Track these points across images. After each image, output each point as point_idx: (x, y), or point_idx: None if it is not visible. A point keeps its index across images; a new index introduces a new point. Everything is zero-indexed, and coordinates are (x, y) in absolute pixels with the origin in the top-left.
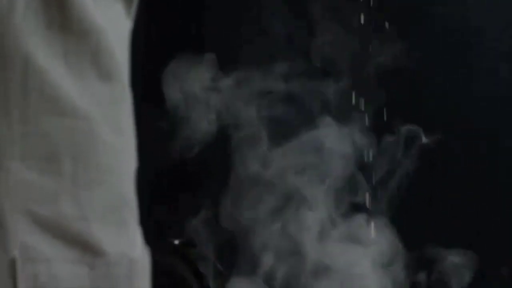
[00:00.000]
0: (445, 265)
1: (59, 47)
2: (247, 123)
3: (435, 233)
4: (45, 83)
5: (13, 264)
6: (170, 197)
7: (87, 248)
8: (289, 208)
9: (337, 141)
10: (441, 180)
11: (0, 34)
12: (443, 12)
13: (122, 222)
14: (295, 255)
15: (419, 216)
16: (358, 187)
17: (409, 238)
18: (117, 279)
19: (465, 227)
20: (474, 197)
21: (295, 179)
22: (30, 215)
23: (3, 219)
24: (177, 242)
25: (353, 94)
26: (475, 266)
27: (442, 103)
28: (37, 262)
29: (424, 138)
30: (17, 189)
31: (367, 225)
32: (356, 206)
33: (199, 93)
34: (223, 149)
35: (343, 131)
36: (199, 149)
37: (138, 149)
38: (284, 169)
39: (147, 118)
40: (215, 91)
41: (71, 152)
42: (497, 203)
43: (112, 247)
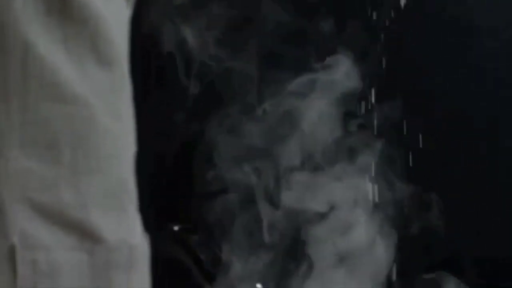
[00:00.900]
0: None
1: (59, 34)
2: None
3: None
4: (45, 70)
5: (12, 251)
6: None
7: (86, 235)
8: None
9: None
10: None
11: None
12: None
13: (121, 209)
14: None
15: None
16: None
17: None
18: (117, 266)
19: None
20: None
21: None
22: (29, 203)
23: (3, 207)
24: (176, 228)
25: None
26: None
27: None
28: (36, 249)
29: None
30: (17, 177)
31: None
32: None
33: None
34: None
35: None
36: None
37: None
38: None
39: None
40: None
41: (71, 139)
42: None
43: (111, 234)
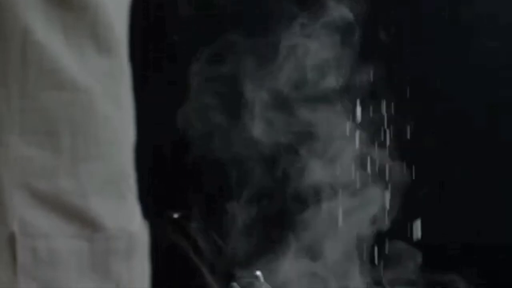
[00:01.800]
0: None
1: (58, 20)
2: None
3: None
4: (44, 57)
5: (12, 239)
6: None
7: (86, 222)
8: None
9: None
10: None
11: None
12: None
13: (121, 196)
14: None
15: None
16: None
17: None
18: (117, 253)
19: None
20: None
21: None
22: (29, 190)
23: (2, 194)
24: (176, 215)
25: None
26: None
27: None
28: (36, 236)
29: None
30: (16, 164)
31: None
32: None
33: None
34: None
35: None
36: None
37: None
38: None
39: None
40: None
41: (70, 126)
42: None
43: (111, 222)
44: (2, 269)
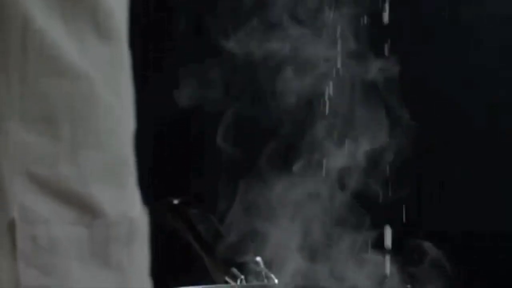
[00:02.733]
0: None
1: (58, 7)
2: None
3: None
4: (44, 44)
5: (12, 225)
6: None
7: (86, 209)
8: None
9: None
10: None
11: None
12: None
13: (121, 182)
14: None
15: None
16: None
17: None
18: (117, 239)
19: None
20: None
21: None
22: (29, 176)
23: (2, 180)
24: (176, 201)
25: None
26: None
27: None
28: (36, 223)
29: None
30: (16, 150)
31: None
32: None
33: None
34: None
35: None
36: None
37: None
38: None
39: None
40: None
41: (70, 113)
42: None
43: (111, 208)
44: (2, 256)
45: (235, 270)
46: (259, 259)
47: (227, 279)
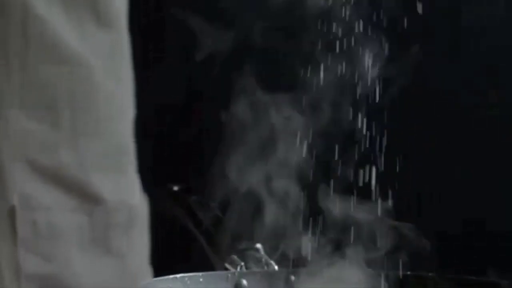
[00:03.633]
0: None
1: None
2: None
3: None
4: (45, 31)
5: (12, 212)
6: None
7: (86, 196)
8: None
9: None
10: None
11: None
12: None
13: (120, 170)
14: None
15: None
16: None
17: None
18: (116, 226)
19: None
20: None
21: None
22: (29, 164)
23: (2, 168)
24: (176, 188)
25: None
26: None
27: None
28: (36, 210)
29: None
30: (17, 138)
31: None
32: None
33: None
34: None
35: None
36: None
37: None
38: None
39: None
40: None
41: (70, 100)
42: None
43: (110, 195)
44: (2, 243)
45: (235, 257)
46: (259, 246)
47: (227, 266)
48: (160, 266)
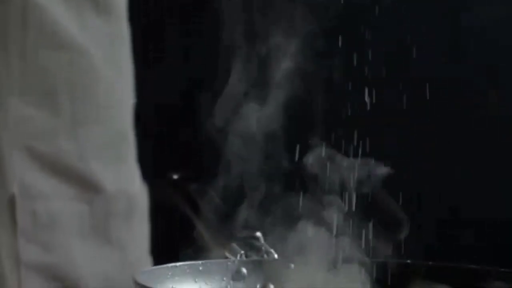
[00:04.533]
0: None
1: None
2: None
3: None
4: (44, 19)
5: (12, 201)
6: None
7: (85, 184)
8: None
9: None
10: None
11: None
12: None
13: (120, 158)
14: None
15: None
16: None
17: None
18: (116, 215)
19: None
20: None
21: None
22: (29, 152)
23: (2, 156)
24: (176, 177)
25: None
26: None
27: None
28: (36, 199)
29: None
30: (16, 125)
31: None
32: None
33: None
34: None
35: None
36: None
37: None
38: None
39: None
40: None
41: (70, 87)
42: None
43: (111, 184)
44: (2, 232)
45: (235, 245)
46: (259, 234)
47: (227, 254)
48: (159, 254)
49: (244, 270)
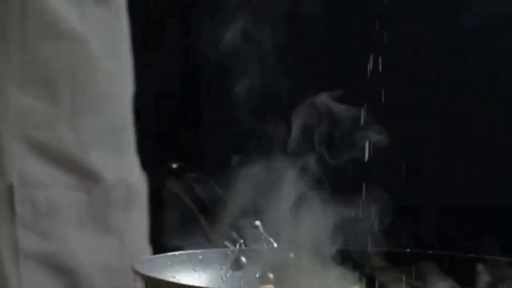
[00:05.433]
0: None
1: None
2: None
3: None
4: (44, 9)
5: (10, 190)
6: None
7: (84, 174)
8: None
9: None
10: None
11: None
12: None
13: (119, 147)
14: None
15: None
16: None
17: None
18: (115, 204)
19: None
20: None
21: None
22: (28, 141)
23: (1, 146)
24: (175, 166)
25: None
26: None
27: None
28: (34, 188)
29: None
30: (15, 115)
31: None
32: None
33: None
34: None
35: None
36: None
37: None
38: None
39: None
40: None
41: (69, 77)
42: None
43: (110, 173)
44: (0, 221)
45: (234, 234)
46: (258, 223)
47: (226, 243)
48: (159, 243)
49: (243, 259)
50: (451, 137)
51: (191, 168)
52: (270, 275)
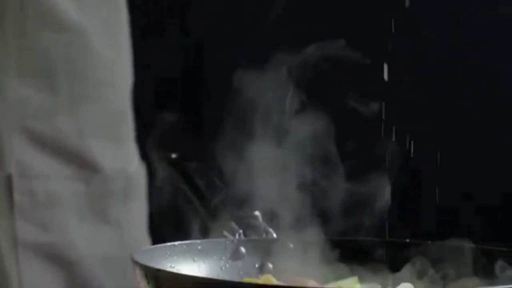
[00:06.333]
0: None
1: None
2: None
3: None
4: (43, 1)
5: (9, 181)
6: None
7: (83, 164)
8: None
9: None
10: None
11: None
12: None
13: (118, 138)
14: None
15: None
16: None
17: None
18: (114, 195)
19: None
20: None
21: None
22: (26, 132)
23: (0, 136)
24: (174, 156)
25: None
26: None
27: None
28: (33, 178)
29: None
30: (14, 106)
31: None
32: None
33: None
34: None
35: None
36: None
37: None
38: None
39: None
40: None
41: (68, 67)
42: None
43: (108, 163)
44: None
45: (233, 224)
46: (257, 213)
47: (225, 233)
48: (158, 233)
49: (242, 249)
50: (451, 137)
51: (190, 158)
52: (269, 265)
